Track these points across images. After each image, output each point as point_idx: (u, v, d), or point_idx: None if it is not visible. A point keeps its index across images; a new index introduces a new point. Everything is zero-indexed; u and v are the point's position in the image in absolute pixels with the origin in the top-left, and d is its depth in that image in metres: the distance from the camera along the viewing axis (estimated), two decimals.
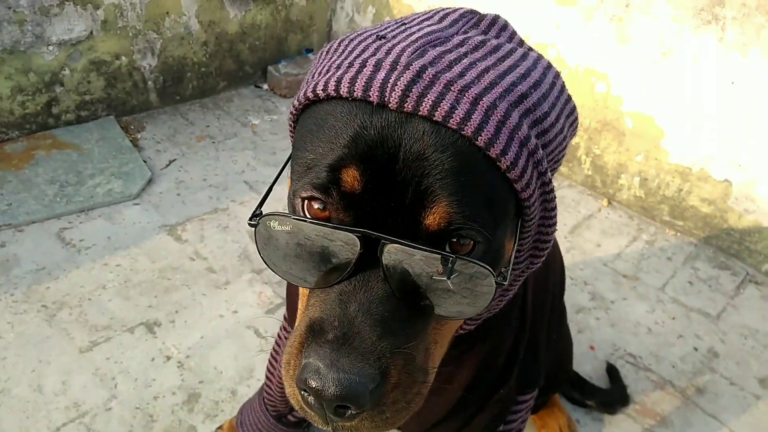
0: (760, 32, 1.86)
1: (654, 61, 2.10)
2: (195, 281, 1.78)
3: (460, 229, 0.56)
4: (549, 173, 0.60)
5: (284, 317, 1.12)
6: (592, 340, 1.76)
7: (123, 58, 2.38)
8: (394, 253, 0.55)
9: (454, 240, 0.57)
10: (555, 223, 0.67)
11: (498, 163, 0.55)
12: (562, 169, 2.48)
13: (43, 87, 2.21)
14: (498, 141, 0.55)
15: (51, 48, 2.17)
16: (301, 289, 0.66)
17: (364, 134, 0.56)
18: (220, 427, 1.37)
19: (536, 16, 2.31)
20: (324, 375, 0.54)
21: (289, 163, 0.69)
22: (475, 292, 0.57)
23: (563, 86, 0.65)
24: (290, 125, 0.69)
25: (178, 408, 1.43)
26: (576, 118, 0.67)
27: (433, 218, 0.56)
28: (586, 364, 1.67)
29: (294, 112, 0.65)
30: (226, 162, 2.32)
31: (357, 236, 0.56)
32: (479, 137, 0.54)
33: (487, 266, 0.55)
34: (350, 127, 0.57)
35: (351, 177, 0.56)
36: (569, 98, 0.65)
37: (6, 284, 1.69)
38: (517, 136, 0.56)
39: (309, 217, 0.60)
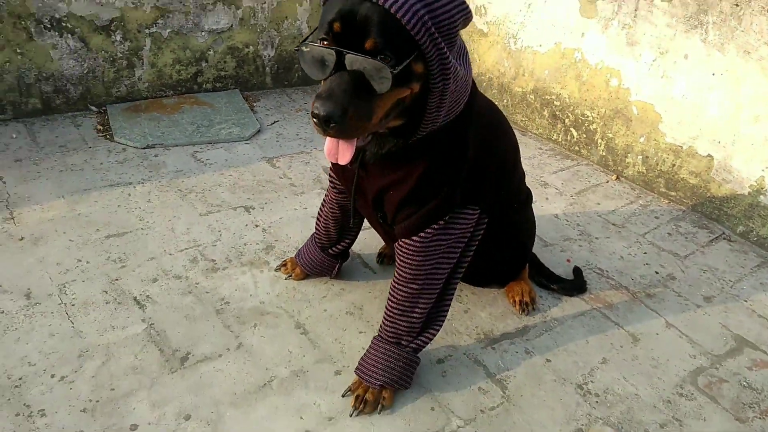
0: (734, 33, 2.34)
1: (654, 59, 2.61)
2: (281, 189, 2.49)
3: (382, 51, 1.17)
4: (440, 38, 1.20)
5: (329, 167, 1.76)
6: (572, 256, 2.25)
7: (251, 47, 3.22)
8: (350, 59, 1.18)
9: (380, 56, 1.18)
10: (448, 74, 1.24)
11: (404, 23, 1.16)
12: (582, 150, 2.99)
13: (194, 61, 3.07)
14: (405, 12, 1.15)
15: (203, 34, 3.03)
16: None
17: (343, 8, 1.19)
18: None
19: (565, 26, 2.90)
20: (317, 108, 1.17)
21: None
22: (383, 75, 1.16)
23: (462, 1, 1.24)
24: (321, 5, 1.35)
25: (259, 251, 2.11)
26: (464, 15, 1.26)
27: (368, 44, 1.17)
28: (559, 269, 2.16)
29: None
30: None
31: (334, 50, 1.19)
32: (394, 10, 1.16)
33: (385, 64, 1.13)
34: (338, 6, 1.21)
35: (335, 25, 1.20)
36: (463, 5, 1.24)
37: (156, 176, 2.47)
38: (417, 12, 1.16)
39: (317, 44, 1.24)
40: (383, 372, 1.55)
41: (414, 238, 1.49)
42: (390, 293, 1.58)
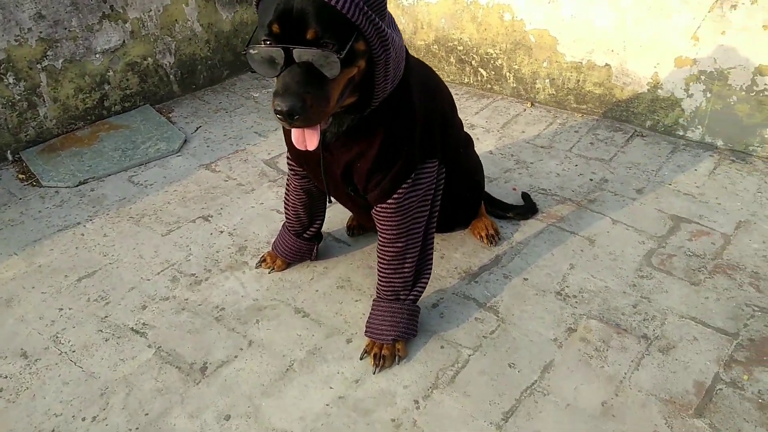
0: None
1: None
2: (230, 192, 2.52)
3: (322, 39, 1.26)
4: (373, 14, 1.29)
5: (287, 156, 1.83)
6: (516, 184, 2.46)
7: (149, 59, 3.15)
8: (297, 53, 1.25)
9: (323, 44, 1.27)
10: (391, 43, 1.35)
11: (339, 8, 1.23)
12: (495, 87, 3.19)
13: (95, 86, 2.98)
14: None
15: (97, 56, 2.94)
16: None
17: (278, 7, 1.26)
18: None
19: None
20: (279, 104, 1.25)
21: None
22: (331, 62, 1.25)
23: None
24: (255, 7, 1.40)
25: (233, 254, 2.16)
26: None
27: (309, 35, 1.25)
28: (509, 198, 2.36)
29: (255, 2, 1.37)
30: (239, 123, 3.07)
31: (281, 48, 1.27)
32: None
33: (331, 51, 1.24)
34: (272, 5, 1.27)
35: (274, 27, 1.27)
36: None
37: (101, 210, 2.43)
38: None
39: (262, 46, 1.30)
40: (392, 327, 1.69)
41: (389, 201, 1.61)
42: (379, 256, 1.70)
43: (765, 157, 2.54)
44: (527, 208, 2.27)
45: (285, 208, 1.97)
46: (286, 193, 1.95)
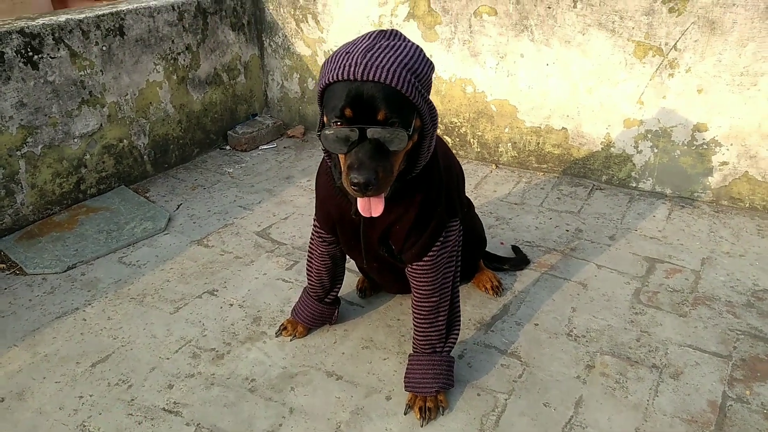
0: (554, 29, 2.93)
1: (497, 63, 3.13)
2: (229, 264, 2.54)
3: (390, 118, 1.42)
4: (425, 93, 1.47)
5: (314, 220, 1.92)
6: (501, 239, 2.65)
7: (125, 140, 3.16)
8: (371, 132, 1.40)
9: (390, 123, 1.42)
10: (436, 117, 1.53)
11: (403, 92, 1.41)
12: (461, 152, 3.44)
13: (72, 170, 2.95)
14: (401, 83, 1.40)
15: (75, 140, 2.93)
16: (340, 156, 1.49)
17: (350, 93, 1.41)
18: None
19: None
20: (357, 177, 1.37)
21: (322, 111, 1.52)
22: (400, 137, 1.41)
23: (425, 55, 1.53)
24: (319, 94, 1.53)
25: (249, 325, 2.18)
26: (432, 67, 1.55)
27: (380, 116, 1.41)
28: (500, 252, 2.54)
29: (321, 88, 1.50)
30: (220, 198, 3.11)
31: (357, 128, 1.41)
32: (394, 84, 1.40)
33: (402, 129, 1.40)
34: (345, 90, 1.42)
35: (347, 111, 1.41)
36: (428, 60, 1.53)
37: (98, 293, 2.38)
38: (408, 80, 1.42)
39: (335, 126, 1.44)
40: (434, 379, 1.77)
41: (425, 258, 1.73)
42: (414, 312, 1.81)
43: (709, 201, 2.89)
44: (520, 260, 2.45)
45: (308, 274, 2.04)
46: (309, 260, 2.03)
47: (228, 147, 3.72)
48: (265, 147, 3.75)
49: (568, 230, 2.71)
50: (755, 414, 1.74)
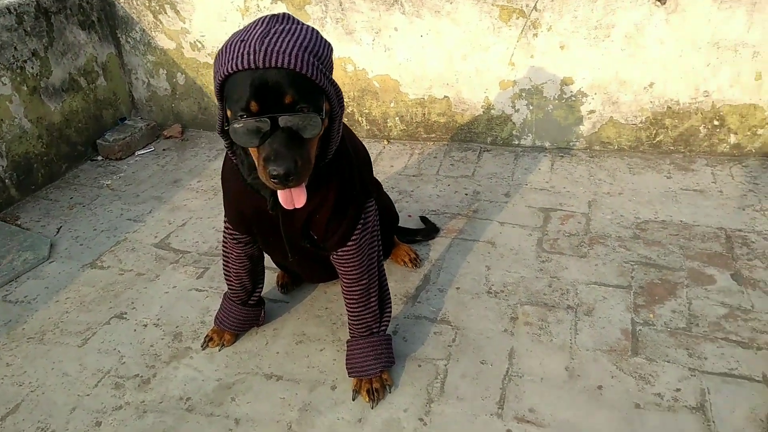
0: (423, 1, 2.99)
1: (373, 39, 3.15)
2: (133, 283, 2.38)
3: (299, 103, 1.39)
4: (329, 74, 1.45)
5: (225, 222, 1.85)
6: (408, 212, 2.71)
7: None
8: (284, 120, 1.36)
9: (300, 109, 1.39)
10: (342, 99, 1.52)
11: (309, 76, 1.38)
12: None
13: None
14: (305, 67, 1.37)
15: None
16: (252, 150, 1.44)
17: (254, 83, 1.35)
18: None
19: None
20: (275, 169, 1.33)
21: (225, 104, 1.45)
22: (314, 123, 1.39)
23: (322, 37, 1.50)
24: (217, 87, 1.46)
25: (171, 343, 2.06)
26: (331, 48, 1.53)
27: (287, 100, 1.37)
28: (410, 224, 2.60)
29: (219, 80, 1.43)
30: (104, 214, 2.88)
31: (268, 118, 1.36)
32: (298, 68, 1.36)
33: (314, 113, 1.37)
34: (247, 80, 1.36)
35: (253, 104, 1.36)
36: (326, 41, 1.51)
37: None
38: (312, 63, 1.39)
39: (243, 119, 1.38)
40: (375, 360, 1.79)
41: (348, 243, 1.73)
42: (346, 297, 1.81)
43: (583, 148, 3.14)
44: (430, 229, 2.53)
45: (227, 278, 1.96)
46: (225, 264, 1.95)
47: (100, 157, 3.44)
48: (142, 152, 3.51)
49: (467, 194, 2.83)
50: (661, 333, 1.95)
